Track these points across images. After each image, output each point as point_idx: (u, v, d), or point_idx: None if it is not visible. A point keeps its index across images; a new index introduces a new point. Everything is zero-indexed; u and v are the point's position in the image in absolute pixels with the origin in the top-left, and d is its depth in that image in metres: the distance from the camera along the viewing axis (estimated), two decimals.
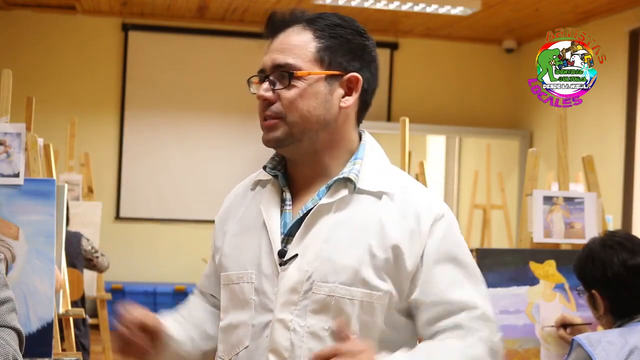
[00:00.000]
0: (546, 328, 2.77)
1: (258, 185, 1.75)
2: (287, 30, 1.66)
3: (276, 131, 1.64)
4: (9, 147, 2.72)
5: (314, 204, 1.63)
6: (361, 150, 1.68)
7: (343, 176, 1.63)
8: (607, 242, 2.39)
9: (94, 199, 6.05)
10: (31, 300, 2.62)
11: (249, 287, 1.63)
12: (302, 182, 1.68)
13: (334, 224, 1.60)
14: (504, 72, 9.28)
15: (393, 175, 1.68)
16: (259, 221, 1.67)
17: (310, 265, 1.58)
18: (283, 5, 7.80)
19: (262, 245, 1.64)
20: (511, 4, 7.54)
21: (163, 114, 8.62)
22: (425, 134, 9.67)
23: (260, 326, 1.61)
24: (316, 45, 1.63)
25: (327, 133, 1.65)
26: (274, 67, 1.64)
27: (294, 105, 1.62)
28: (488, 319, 1.60)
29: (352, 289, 1.57)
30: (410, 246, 1.58)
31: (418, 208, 1.61)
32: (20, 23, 8.29)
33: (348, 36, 1.68)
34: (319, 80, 1.63)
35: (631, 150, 7.29)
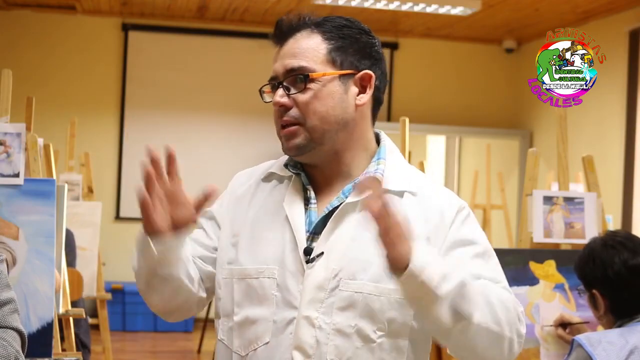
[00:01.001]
0: (546, 328, 2.77)
1: (273, 178, 1.74)
2: (296, 36, 1.67)
3: (297, 138, 1.64)
4: (9, 147, 2.73)
5: (339, 202, 1.64)
6: (383, 151, 1.71)
7: (369, 175, 1.65)
8: (608, 242, 2.39)
9: (94, 199, 6.04)
10: (31, 301, 2.62)
11: (271, 282, 1.62)
12: (322, 182, 1.69)
13: (360, 222, 1.60)
14: (504, 72, 9.28)
15: (414, 175, 1.71)
16: (279, 217, 1.66)
17: (338, 263, 1.59)
18: (283, 6, 7.80)
19: (286, 241, 1.64)
20: (511, 4, 7.54)
21: (163, 114, 8.62)
22: (425, 134, 9.67)
23: (283, 322, 1.60)
24: (327, 47, 1.65)
25: (346, 132, 1.67)
26: (286, 73, 1.64)
27: (311, 107, 1.62)
28: (510, 292, 1.62)
29: (380, 285, 1.58)
30: (435, 238, 1.61)
31: (440, 205, 1.65)
32: (20, 23, 8.29)
33: (356, 35, 1.70)
34: (333, 80, 1.64)
35: (631, 150, 7.29)
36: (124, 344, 7.57)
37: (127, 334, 7.99)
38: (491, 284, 1.59)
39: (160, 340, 7.83)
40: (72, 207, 5.26)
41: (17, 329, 1.58)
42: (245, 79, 8.62)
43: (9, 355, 1.51)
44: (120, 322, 8.03)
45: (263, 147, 8.54)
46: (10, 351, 1.52)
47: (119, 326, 7.95)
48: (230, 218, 1.74)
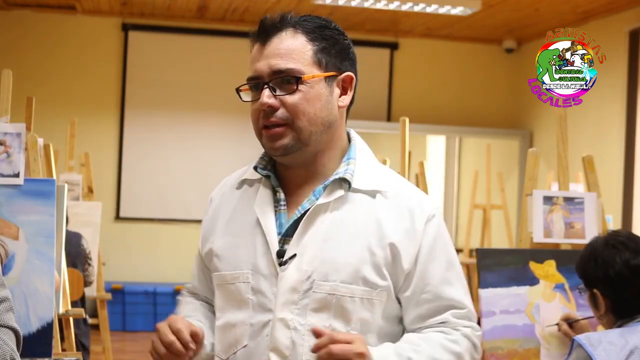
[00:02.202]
0: (547, 328, 2.76)
1: (244, 184, 1.76)
2: (280, 35, 1.65)
3: (284, 138, 1.64)
4: (9, 147, 2.72)
5: (310, 204, 1.65)
6: (352, 150, 1.72)
7: (339, 176, 1.66)
8: (610, 242, 2.38)
9: (94, 199, 6.05)
10: (31, 300, 2.62)
11: (246, 286, 1.65)
12: (294, 183, 1.70)
13: (332, 223, 1.63)
14: (504, 72, 9.28)
15: (384, 174, 1.72)
16: (251, 221, 1.68)
17: (310, 264, 1.61)
18: (283, 6, 7.80)
19: (258, 245, 1.66)
20: (511, 4, 7.54)
21: (163, 114, 8.62)
22: (425, 134, 9.66)
23: (259, 325, 1.63)
24: (312, 48, 1.65)
25: (329, 134, 1.68)
26: (273, 73, 1.63)
27: (300, 109, 1.63)
28: (472, 317, 1.69)
29: (352, 286, 1.61)
30: (407, 246, 1.63)
31: (411, 207, 1.67)
32: (20, 23, 8.29)
33: (336, 37, 1.70)
34: (320, 82, 1.65)
35: (631, 150, 7.29)
36: (124, 344, 7.57)
37: (127, 334, 7.99)
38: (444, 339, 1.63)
39: None
40: (72, 207, 5.26)
41: (12, 328, 1.57)
42: (245, 79, 8.61)
43: (4, 353, 1.51)
44: (120, 322, 8.03)
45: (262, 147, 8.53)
46: (5, 350, 1.52)
47: (119, 326, 7.95)
48: (208, 232, 1.78)
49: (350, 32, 6.74)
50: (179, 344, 1.57)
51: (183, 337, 1.57)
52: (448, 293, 1.66)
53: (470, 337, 1.66)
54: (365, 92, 9.08)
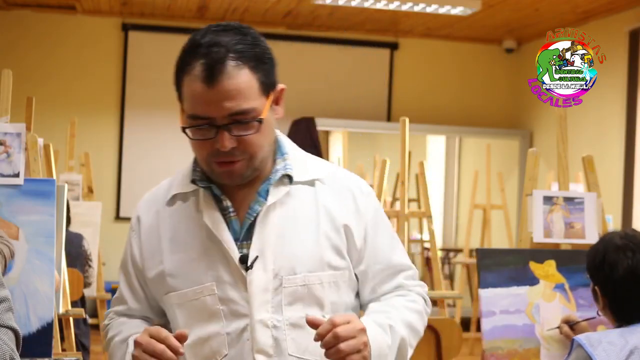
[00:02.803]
0: (547, 331, 2.76)
1: (177, 199, 1.74)
2: (225, 72, 1.58)
3: (243, 171, 1.65)
4: (9, 147, 2.72)
5: (260, 205, 1.68)
6: (282, 146, 1.76)
7: (281, 174, 1.70)
8: (621, 246, 2.36)
9: (94, 199, 6.05)
10: (31, 300, 2.61)
11: (212, 298, 1.66)
12: (234, 188, 1.71)
13: (284, 219, 1.68)
14: (504, 72, 9.28)
15: (315, 162, 1.79)
16: (202, 234, 1.68)
17: (275, 262, 1.65)
18: (283, 6, 7.80)
19: (215, 256, 1.67)
20: (511, 4, 7.54)
21: (163, 114, 8.62)
22: (425, 134, 9.66)
23: (237, 332, 1.64)
24: (256, 79, 1.61)
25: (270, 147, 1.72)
26: (230, 116, 1.59)
27: (258, 144, 1.64)
28: (416, 275, 1.83)
29: (319, 273, 1.68)
30: (356, 224, 1.72)
31: (350, 187, 1.76)
32: (20, 23, 8.29)
33: (265, 54, 1.66)
34: (268, 108, 1.66)
35: (631, 150, 7.29)
36: None
37: None
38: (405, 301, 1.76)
39: None
40: (72, 207, 5.25)
41: (11, 328, 1.57)
42: None
43: (3, 353, 1.51)
44: None
45: None
46: (5, 349, 1.51)
47: None
48: (148, 252, 1.74)
49: (350, 32, 6.79)
50: (169, 352, 1.55)
51: (172, 343, 1.55)
52: (396, 259, 1.78)
53: (422, 294, 1.81)
54: (365, 92, 9.15)
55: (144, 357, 1.56)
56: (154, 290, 1.76)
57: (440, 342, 3.86)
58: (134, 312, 1.81)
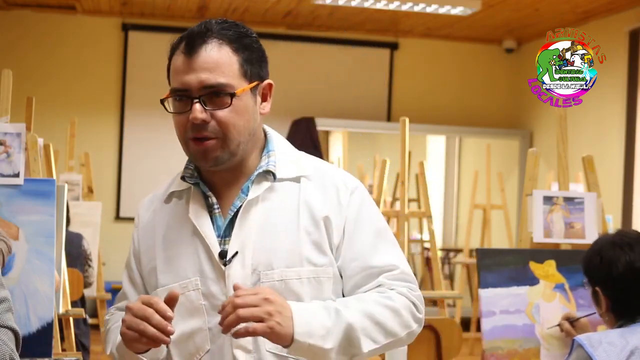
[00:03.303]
0: (547, 329, 2.76)
1: (173, 197, 1.79)
2: (206, 47, 1.66)
3: (215, 151, 1.67)
4: (9, 147, 2.72)
5: (241, 201, 1.70)
6: (270, 143, 1.78)
7: (263, 169, 1.71)
8: (616, 242, 2.37)
9: (94, 199, 6.05)
10: (31, 300, 2.61)
11: (196, 293, 1.69)
12: (222, 185, 1.75)
13: (265, 214, 1.69)
14: (504, 72, 9.28)
15: (304, 160, 1.79)
16: (188, 230, 1.72)
17: (254, 258, 1.66)
18: (283, 6, 7.80)
19: (200, 251, 1.69)
20: (511, 4, 7.54)
21: (163, 114, 8.52)
22: (425, 134, 9.66)
23: (218, 328, 1.62)
24: (237, 60, 1.68)
25: (253, 140, 1.73)
26: (203, 88, 1.64)
27: (231, 122, 1.66)
28: (407, 278, 1.73)
29: (297, 269, 1.67)
30: (336, 219, 1.70)
31: (335, 183, 1.74)
32: (20, 23, 8.29)
33: (255, 45, 1.72)
34: (247, 94, 1.69)
35: (631, 150, 7.29)
36: None
37: None
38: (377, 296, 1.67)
39: None
40: (72, 207, 5.26)
41: (11, 328, 1.57)
42: None
43: (3, 353, 1.51)
44: None
45: None
46: (4, 350, 1.51)
47: None
48: (144, 248, 1.78)
49: (350, 32, 6.80)
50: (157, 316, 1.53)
51: (161, 308, 1.54)
52: (377, 261, 1.70)
53: (407, 294, 1.69)
54: (365, 92, 9.14)
55: (134, 321, 1.55)
56: (148, 287, 1.78)
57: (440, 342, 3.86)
58: None
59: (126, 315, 1.58)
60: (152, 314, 1.54)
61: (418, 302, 1.72)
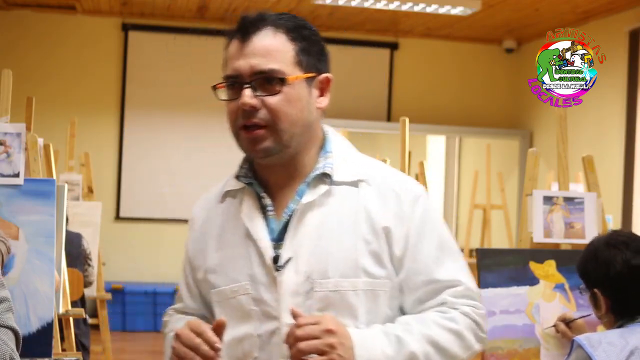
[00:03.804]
0: (545, 330, 2.76)
1: (227, 197, 1.73)
2: (260, 34, 1.62)
3: (265, 141, 1.61)
4: (9, 147, 2.72)
5: (296, 204, 1.63)
6: (329, 144, 1.70)
7: (320, 172, 1.64)
8: (611, 242, 2.38)
9: (94, 199, 6.05)
10: (31, 300, 2.62)
11: (247, 298, 1.63)
12: (277, 185, 1.68)
13: (321, 219, 1.62)
14: (504, 72, 9.28)
15: (365, 163, 1.70)
16: (241, 232, 1.66)
17: (307, 264, 1.59)
18: (283, 6, 7.80)
19: (252, 255, 1.63)
20: (511, 4, 7.54)
21: (163, 114, 8.63)
22: (425, 134, 9.67)
23: (267, 335, 1.60)
24: (293, 48, 1.62)
25: (308, 135, 1.66)
26: (255, 73, 1.60)
27: (282, 111, 1.60)
28: (471, 295, 1.65)
29: (354, 280, 1.58)
30: (397, 228, 1.61)
31: (396, 190, 1.65)
32: (20, 23, 8.29)
33: (314, 37, 1.68)
34: (301, 83, 1.62)
35: (631, 150, 7.29)
36: (124, 344, 7.57)
37: (127, 334, 7.99)
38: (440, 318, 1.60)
39: (160, 340, 7.77)
40: (72, 207, 5.26)
41: (11, 328, 1.57)
42: None
43: (3, 353, 1.51)
44: (120, 322, 8.03)
45: None
46: (5, 349, 1.51)
47: (119, 326, 7.95)
48: (198, 250, 1.74)
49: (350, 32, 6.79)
50: (205, 347, 1.52)
51: (209, 338, 1.52)
52: (442, 274, 1.62)
53: (470, 314, 1.62)
54: (365, 92, 9.15)
55: (182, 350, 1.53)
56: (202, 289, 1.74)
57: None
58: (191, 310, 1.79)
59: (175, 342, 1.56)
60: (199, 344, 1.52)
61: (481, 320, 1.64)
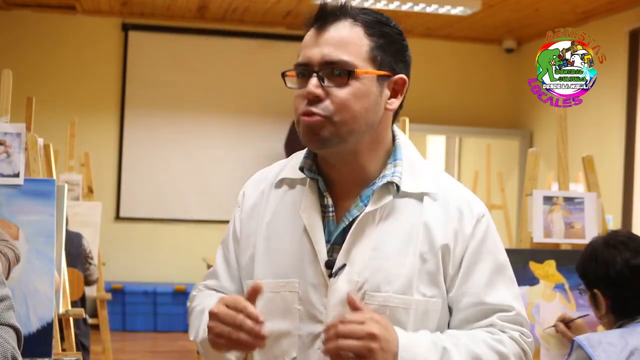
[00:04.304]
0: (545, 330, 2.76)
1: (284, 184, 1.67)
2: (337, 24, 1.57)
3: (322, 130, 1.53)
4: (9, 147, 2.73)
5: (359, 211, 1.57)
6: (399, 151, 1.64)
7: (387, 180, 1.58)
8: (610, 242, 2.38)
9: (94, 199, 6.05)
10: (31, 300, 2.62)
11: (292, 296, 1.58)
12: (340, 185, 1.62)
13: (381, 231, 1.56)
14: (504, 72, 9.28)
15: (431, 174, 1.65)
16: (296, 227, 1.60)
17: (361, 275, 1.54)
18: (283, 6, 7.80)
19: (305, 253, 1.58)
20: (511, 4, 7.54)
21: (163, 114, 8.62)
22: (425, 134, 9.66)
23: (310, 337, 1.56)
24: (369, 44, 1.57)
25: (371, 135, 1.59)
26: (324, 63, 1.54)
27: (347, 105, 1.54)
28: (521, 321, 1.60)
29: (406, 297, 1.54)
30: (455, 247, 1.56)
31: (460, 208, 1.59)
32: (20, 23, 8.29)
33: (395, 36, 1.63)
34: (372, 80, 1.57)
35: (631, 150, 7.29)
36: (124, 344, 7.57)
37: (127, 334, 7.99)
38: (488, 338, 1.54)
39: (160, 340, 7.83)
40: (72, 207, 5.26)
41: (13, 326, 1.57)
42: (245, 79, 8.62)
43: (5, 351, 1.51)
44: (120, 322, 8.03)
45: (263, 147, 8.53)
46: (7, 348, 1.52)
47: (119, 326, 7.95)
48: (246, 232, 1.67)
49: None
50: (248, 322, 1.43)
51: (252, 313, 1.44)
52: (493, 297, 1.57)
53: (519, 340, 1.57)
54: None
55: (221, 328, 1.45)
56: (243, 273, 1.67)
57: None
58: (225, 290, 1.71)
59: (212, 321, 1.48)
60: (243, 320, 1.44)
61: (529, 349, 1.60)
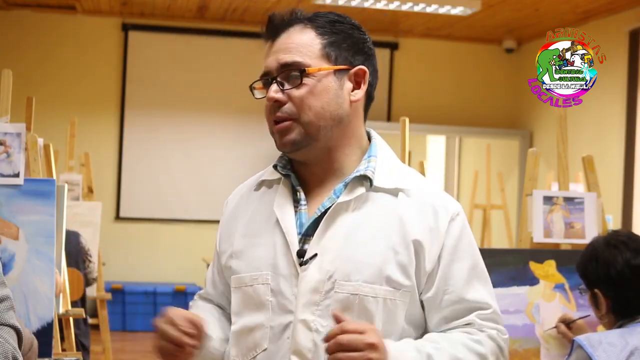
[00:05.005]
0: (546, 331, 2.76)
1: (263, 185, 1.73)
2: (289, 30, 1.64)
3: (291, 133, 1.61)
4: (9, 147, 2.73)
5: (331, 202, 1.61)
6: (374, 148, 1.69)
7: (360, 174, 1.62)
8: (610, 242, 2.38)
9: (94, 199, 6.05)
10: (31, 301, 2.62)
11: (265, 288, 1.61)
12: (313, 182, 1.67)
13: (353, 222, 1.60)
14: (504, 72, 9.28)
15: (406, 173, 1.69)
16: (270, 222, 1.65)
17: (332, 264, 1.58)
18: (283, 5, 7.80)
19: (277, 245, 1.62)
20: (511, 4, 7.54)
21: (163, 114, 8.62)
22: (425, 134, 9.67)
23: (280, 328, 1.59)
24: (321, 42, 1.63)
25: (340, 129, 1.64)
26: (280, 68, 1.62)
27: (307, 103, 1.60)
28: (497, 319, 1.65)
29: (375, 286, 1.57)
30: (430, 244, 1.59)
31: (435, 205, 1.63)
32: (20, 23, 8.29)
33: (348, 31, 1.69)
34: (328, 76, 1.62)
35: (631, 150, 7.29)
36: (124, 344, 7.57)
37: (127, 334, 7.99)
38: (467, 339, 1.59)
39: None
40: (72, 207, 5.26)
41: (13, 326, 1.57)
42: (245, 79, 8.56)
43: (6, 352, 1.51)
44: (120, 322, 8.03)
45: (263, 147, 8.53)
46: (7, 348, 1.52)
47: (119, 326, 7.95)
48: (227, 234, 1.74)
49: None
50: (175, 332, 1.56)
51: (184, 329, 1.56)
52: (472, 294, 1.62)
53: (496, 339, 1.62)
54: None
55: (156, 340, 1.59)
56: (226, 275, 1.73)
57: None
58: (211, 297, 1.81)
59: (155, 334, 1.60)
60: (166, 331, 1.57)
61: (505, 345, 1.64)
